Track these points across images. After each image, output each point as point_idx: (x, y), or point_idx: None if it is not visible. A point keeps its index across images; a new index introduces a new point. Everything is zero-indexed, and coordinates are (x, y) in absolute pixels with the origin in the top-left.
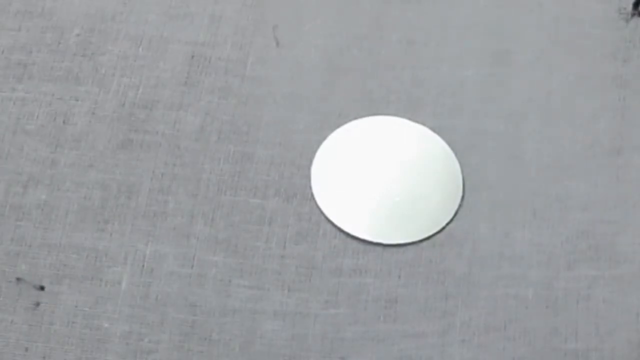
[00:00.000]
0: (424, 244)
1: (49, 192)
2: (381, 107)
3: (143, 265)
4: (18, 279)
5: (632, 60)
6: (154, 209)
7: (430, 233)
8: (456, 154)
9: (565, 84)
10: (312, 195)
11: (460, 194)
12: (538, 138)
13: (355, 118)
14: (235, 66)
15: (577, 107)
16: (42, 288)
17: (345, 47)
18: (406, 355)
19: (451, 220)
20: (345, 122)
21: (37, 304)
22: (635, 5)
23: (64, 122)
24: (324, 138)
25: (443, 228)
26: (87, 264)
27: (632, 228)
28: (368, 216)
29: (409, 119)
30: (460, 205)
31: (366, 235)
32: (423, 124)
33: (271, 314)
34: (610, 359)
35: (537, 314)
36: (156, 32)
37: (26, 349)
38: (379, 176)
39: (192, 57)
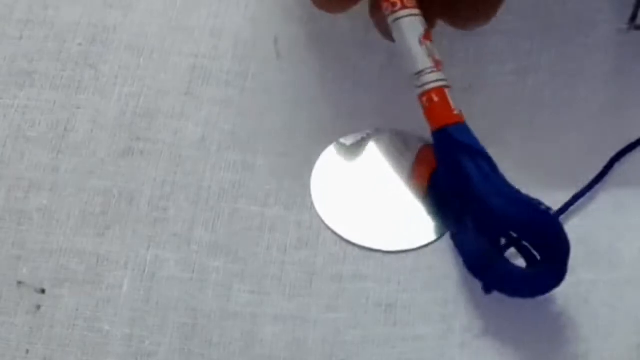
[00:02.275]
0: (424, 250)
1: (50, 198)
2: (381, 119)
3: (144, 270)
4: (19, 283)
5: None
6: (154, 215)
7: (430, 240)
8: None
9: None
10: (312, 203)
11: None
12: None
13: (355, 129)
14: (236, 78)
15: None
16: (43, 291)
17: (346, 59)
18: (405, 358)
19: None
20: (346, 134)
21: (38, 307)
22: (632, 20)
23: (65, 129)
24: (324, 148)
25: (442, 235)
26: (88, 268)
27: (631, 232)
28: (368, 224)
29: (409, 129)
30: None
31: (366, 243)
32: (422, 134)
33: (271, 319)
34: None
35: (536, 317)
36: (157, 43)
37: (27, 352)
38: (379, 184)
39: (193, 68)
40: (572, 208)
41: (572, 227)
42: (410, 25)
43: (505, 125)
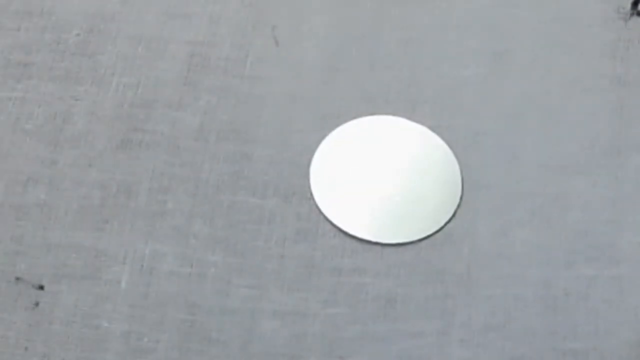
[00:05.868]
0: (423, 243)
1: (48, 192)
2: (380, 107)
3: (142, 265)
4: (17, 279)
5: (630, 60)
6: (153, 209)
7: (429, 233)
8: (455, 154)
9: (564, 83)
10: (311, 194)
11: (459, 193)
12: (537, 138)
13: (354, 118)
14: (234, 66)
15: (576, 106)
16: (41, 287)
17: (344, 47)
18: (405, 354)
19: (450, 220)
20: (344, 122)
21: (37, 304)
22: (634, 5)
23: (63, 121)
24: (323, 137)
25: (442, 228)
26: (86, 264)
27: (631, 227)
28: (367, 216)
29: (408, 118)
30: (459, 205)
31: (365, 235)
32: (422, 123)
33: (270, 314)
34: (610, 359)
35: (536, 313)
36: (155, 31)
37: (26, 349)
38: (378, 176)
39: (192, 56)
40: (573, 202)
41: (573, 221)
42: None
43: None
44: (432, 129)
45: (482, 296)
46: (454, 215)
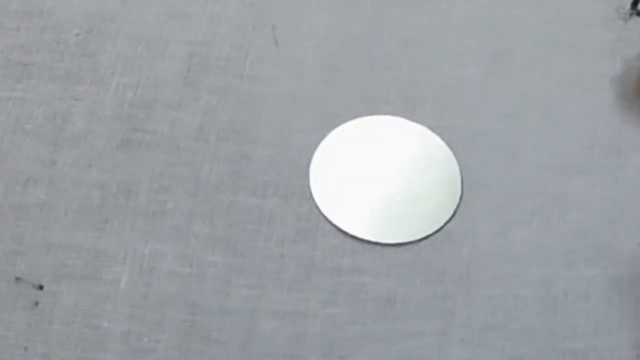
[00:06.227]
0: (423, 243)
1: (48, 192)
2: (380, 107)
3: (142, 265)
4: (17, 279)
5: (630, 60)
6: (153, 209)
7: (429, 233)
8: (455, 154)
9: (564, 83)
10: (310, 194)
11: (459, 193)
12: (537, 138)
13: (354, 117)
14: (234, 66)
15: (576, 106)
16: (41, 287)
17: (344, 47)
18: (405, 354)
19: (450, 220)
20: (344, 122)
21: (37, 304)
22: (634, 5)
23: (63, 121)
24: (323, 137)
25: (442, 228)
26: (86, 264)
27: (631, 227)
28: (367, 216)
29: (408, 118)
30: (459, 205)
31: (365, 235)
32: (422, 123)
33: (270, 314)
34: (610, 359)
35: (536, 313)
36: (155, 31)
37: (25, 348)
38: (378, 176)
39: (191, 56)
40: (573, 202)
41: (572, 221)
42: None
43: None
44: (432, 129)
45: (482, 296)
46: (453, 215)
